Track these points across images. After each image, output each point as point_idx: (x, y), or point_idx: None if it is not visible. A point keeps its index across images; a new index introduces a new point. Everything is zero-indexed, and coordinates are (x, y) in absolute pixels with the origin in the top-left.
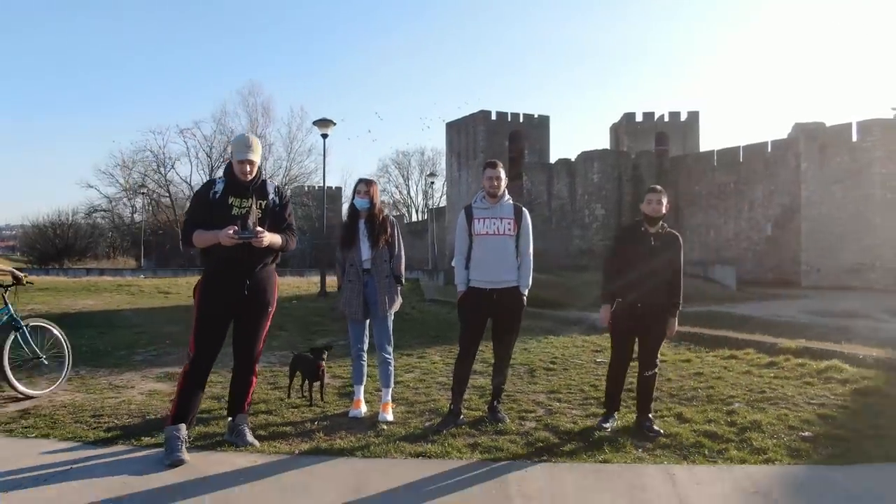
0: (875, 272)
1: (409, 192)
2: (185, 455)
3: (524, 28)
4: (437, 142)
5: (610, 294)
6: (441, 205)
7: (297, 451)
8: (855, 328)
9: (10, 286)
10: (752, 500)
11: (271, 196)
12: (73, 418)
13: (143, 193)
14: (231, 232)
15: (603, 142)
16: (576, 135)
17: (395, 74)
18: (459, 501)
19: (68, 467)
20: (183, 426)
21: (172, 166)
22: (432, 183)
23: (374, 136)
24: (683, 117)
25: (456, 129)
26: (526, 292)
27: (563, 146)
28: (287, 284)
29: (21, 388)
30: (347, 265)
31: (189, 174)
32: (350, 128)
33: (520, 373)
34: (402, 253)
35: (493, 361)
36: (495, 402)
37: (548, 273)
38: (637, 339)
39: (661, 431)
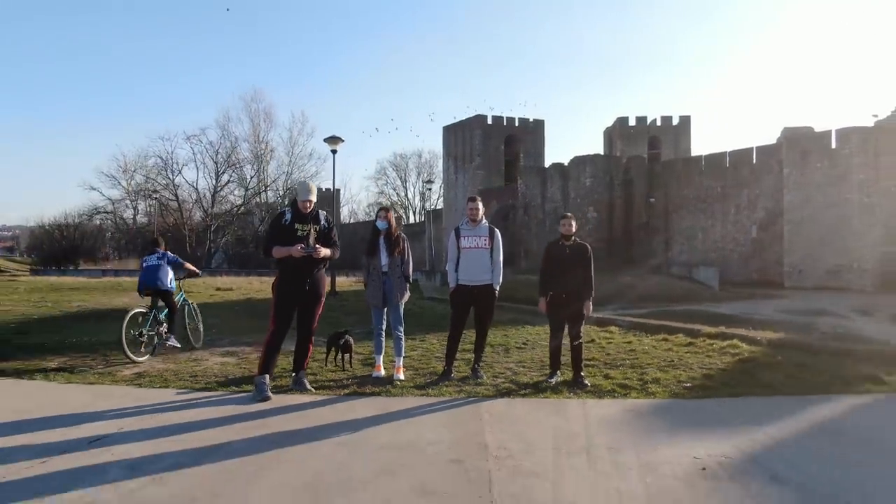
0: (853, 273)
1: (406, 194)
2: (270, 394)
3: (520, 34)
4: (433, 144)
5: (544, 289)
6: (438, 207)
7: (340, 394)
8: (815, 324)
9: (183, 277)
10: (629, 414)
11: (322, 222)
12: (177, 377)
13: (154, 199)
14: (299, 247)
15: (597, 145)
16: (574, 136)
17: (397, 78)
18: (448, 416)
19: (194, 401)
20: (267, 376)
21: (180, 171)
22: (430, 188)
23: (415, 133)
24: (675, 121)
25: (453, 133)
26: (497, 287)
27: (560, 149)
28: None
29: (193, 342)
30: (371, 268)
31: (196, 179)
32: (350, 127)
33: (498, 350)
34: (410, 260)
35: (475, 340)
36: (476, 366)
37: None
38: (566, 321)
39: (589, 384)
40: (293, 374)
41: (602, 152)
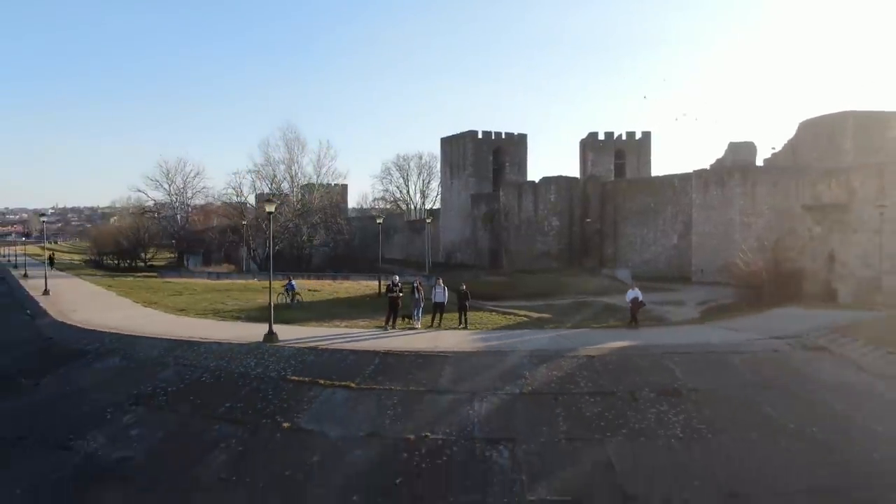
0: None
1: (408, 192)
2: (389, 330)
3: (508, 51)
4: (433, 147)
5: (459, 300)
6: (436, 206)
7: (404, 329)
8: (653, 311)
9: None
10: (474, 335)
11: (399, 284)
12: (356, 327)
13: (244, 224)
14: (397, 293)
15: (574, 153)
16: (556, 145)
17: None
18: (432, 334)
19: (368, 330)
20: (388, 325)
21: (245, 198)
22: (429, 213)
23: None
24: (638, 136)
25: (449, 144)
26: (445, 302)
27: (546, 155)
28: (351, 288)
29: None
30: (412, 299)
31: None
32: (355, 128)
33: (450, 320)
34: (423, 294)
35: (440, 317)
36: (439, 322)
37: (504, 276)
38: (465, 308)
39: (468, 328)
40: (391, 325)
41: (578, 160)
